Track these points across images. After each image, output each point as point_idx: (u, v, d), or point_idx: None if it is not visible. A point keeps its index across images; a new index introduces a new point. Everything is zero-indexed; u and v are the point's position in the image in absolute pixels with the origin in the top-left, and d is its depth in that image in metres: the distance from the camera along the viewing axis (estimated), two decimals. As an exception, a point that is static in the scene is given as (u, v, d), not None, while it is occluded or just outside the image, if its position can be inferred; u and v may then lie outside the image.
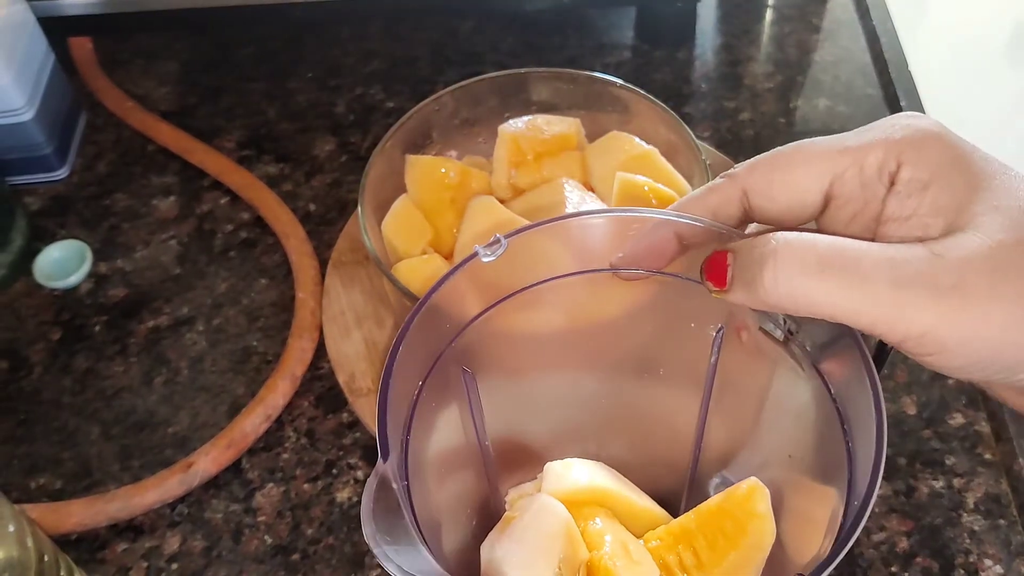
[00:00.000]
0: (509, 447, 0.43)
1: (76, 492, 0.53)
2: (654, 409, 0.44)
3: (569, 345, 0.42)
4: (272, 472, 0.54)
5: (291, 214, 0.65)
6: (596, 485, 0.41)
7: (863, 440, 0.30)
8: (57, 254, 0.64)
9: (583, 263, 0.37)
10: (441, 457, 0.39)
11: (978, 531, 0.50)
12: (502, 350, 0.40)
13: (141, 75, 0.77)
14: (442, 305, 0.34)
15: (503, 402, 0.40)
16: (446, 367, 0.36)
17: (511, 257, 0.35)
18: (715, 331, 0.38)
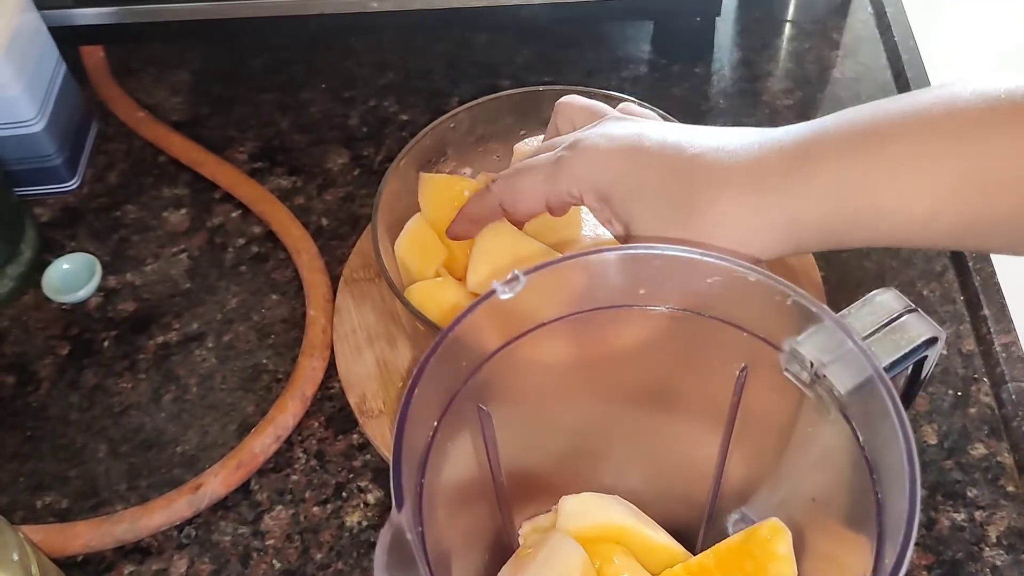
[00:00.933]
0: (523, 479, 0.42)
1: (83, 511, 0.53)
2: (673, 444, 0.43)
3: (586, 379, 0.41)
4: (281, 494, 0.53)
5: (303, 229, 0.64)
6: (612, 521, 0.40)
7: (893, 489, 0.30)
8: (66, 267, 0.63)
9: (603, 300, 0.36)
10: (454, 492, 0.38)
11: (1000, 566, 0.49)
12: (518, 384, 0.39)
13: (153, 85, 0.76)
14: (458, 343, 0.33)
15: (518, 435, 0.40)
16: (461, 404, 0.35)
17: (530, 292, 0.34)
18: (739, 370, 0.37)
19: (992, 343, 0.56)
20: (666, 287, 0.36)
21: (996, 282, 0.59)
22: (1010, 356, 0.56)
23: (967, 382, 0.56)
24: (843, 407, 0.33)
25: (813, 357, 0.33)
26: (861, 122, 0.40)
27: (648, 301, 0.36)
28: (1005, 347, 0.56)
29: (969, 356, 0.57)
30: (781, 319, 0.34)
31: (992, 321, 0.57)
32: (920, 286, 0.60)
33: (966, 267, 0.60)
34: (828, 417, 0.33)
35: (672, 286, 0.36)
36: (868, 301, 0.35)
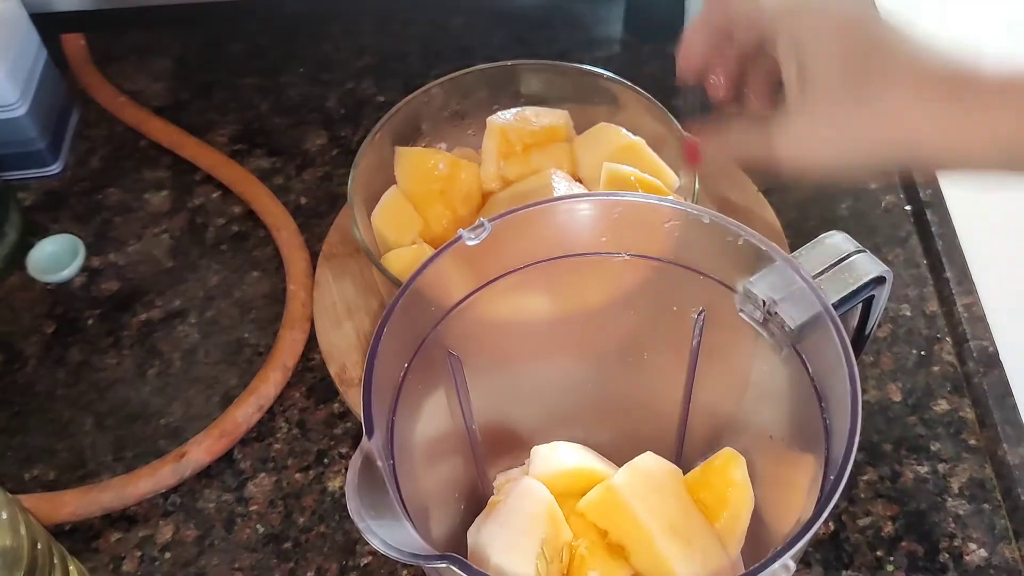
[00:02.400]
0: (497, 433, 0.43)
1: (70, 483, 0.54)
2: (640, 393, 0.44)
3: (553, 331, 0.42)
4: (264, 462, 0.54)
5: (282, 207, 0.65)
6: (582, 467, 0.41)
7: (840, 415, 0.31)
8: (50, 248, 0.64)
9: (567, 248, 0.37)
10: (429, 441, 0.40)
11: (963, 515, 0.51)
12: (488, 335, 0.40)
13: (134, 71, 0.77)
14: (427, 289, 0.35)
15: (490, 387, 0.41)
16: (431, 350, 0.36)
17: (496, 241, 0.35)
18: (696, 314, 0.38)
19: (954, 304, 0.58)
20: (627, 234, 0.37)
21: (958, 245, 0.61)
22: (971, 316, 0.57)
23: (930, 342, 0.57)
24: (794, 342, 0.34)
25: (765, 295, 0.35)
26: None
27: (610, 248, 0.37)
28: (967, 307, 0.58)
29: (932, 317, 0.58)
30: (735, 261, 0.35)
31: (954, 283, 0.59)
32: (884, 251, 0.62)
33: (929, 232, 0.62)
34: (781, 354, 0.35)
35: (633, 232, 0.37)
36: (819, 243, 0.36)
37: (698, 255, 0.37)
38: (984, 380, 0.55)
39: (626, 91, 0.58)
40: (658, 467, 0.40)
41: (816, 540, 0.50)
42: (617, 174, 0.53)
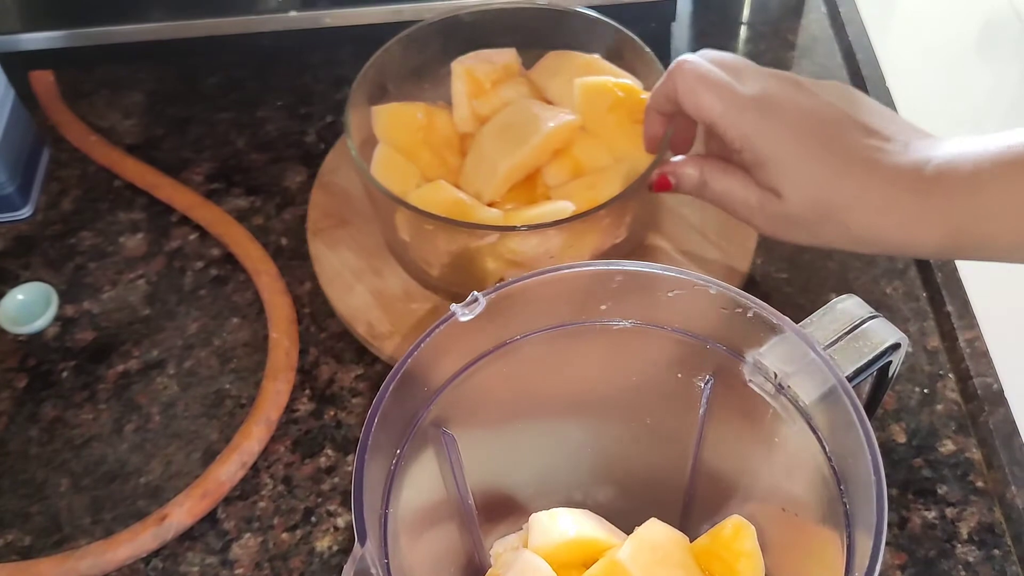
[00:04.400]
0: (494, 501, 0.42)
1: (46, 548, 0.52)
2: (643, 457, 0.43)
3: (552, 399, 0.41)
4: (249, 522, 0.52)
5: (262, 250, 0.63)
6: (583, 536, 0.40)
7: (860, 499, 0.30)
8: (21, 297, 0.62)
9: (565, 317, 0.36)
10: (421, 517, 0.38)
11: (972, 563, 0.49)
12: (483, 407, 0.39)
13: (106, 107, 0.75)
14: (419, 368, 0.33)
15: (485, 458, 0.39)
16: (425, 430, 0.35)
17: (490, 314, 0.33)
18: (703, 382, 0.36)
19: (956, 339, 0.57)
20: (628, 302, 0.36)
21: (958, 278, 0.59)
22: (974, 351, 0.56)
23: (933, 379, 0.56)
24: (808, 417, 0.33)
25: (776, 368, 0.33)
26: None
27: (611, 316, 0.36)
28: (969, 342, 0.56)
29: (934, 353, 0.57)
30: (743, 331, 0.34)
31: (955, 317, 0.57)
32: (883, 284, 0.60)
33: (928, 264, 0.60)
34: (793, 428, 0.33)
35: (634, 301, 0.36)
36: (830, 309, 0.35)
37: (704, 324, 0.36)
38: (990, 419, 0.53)
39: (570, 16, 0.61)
40: (664, 536, 0.39)
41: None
42: (592, 85, 0.57)
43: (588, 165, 0.57)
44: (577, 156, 0.57)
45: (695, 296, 0.34)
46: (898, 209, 0.42)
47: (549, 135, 0.56)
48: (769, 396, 0.34)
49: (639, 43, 0.59)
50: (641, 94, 0.57)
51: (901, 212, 0.42)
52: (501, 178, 0.56)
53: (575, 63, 0.60)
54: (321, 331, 0.60)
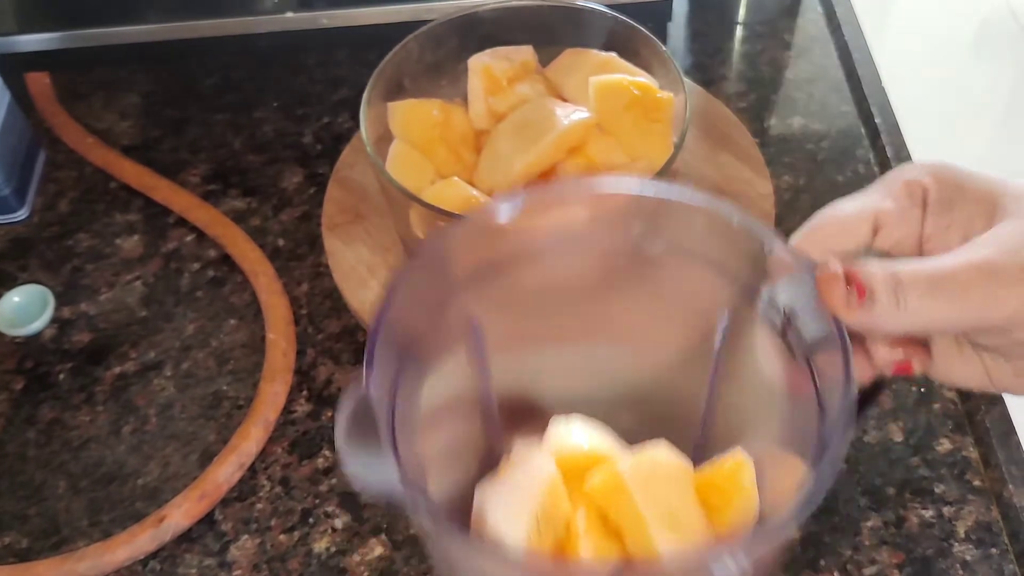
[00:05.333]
0: (518, 403, 0.44)
1: (44, 550, 0.52)
2: (661, 387, 0.45)
3: (579, 312, 0.42)
4: (247, 523, 0.52)
5: (259, 251, 0.63)
6: (595, 448, 0.41)
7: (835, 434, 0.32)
8: (18, 299, 0.62)
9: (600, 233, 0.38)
10: (445, 399, 0.41)
11: (970, 561, 0.49)
12: (510, 306, 0.41)
13: (102, 109, 0.75)
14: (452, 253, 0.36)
15: (512, 360, 0.42)
16: (452, 312, 0.38)
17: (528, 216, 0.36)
18: (722, 315, 0.38)
19: (953, 338, 0.57)
20: (660, 227, 0.37)
21: (954, 277, 0.59)
22: (971, 350, 0.56)
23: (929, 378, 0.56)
24: (807, 354, 0.34)
25: (786, 304, 0.35)
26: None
27: (643, 240, 0.38)
28: (966, 342, 0.56)
29: (931, 352, 0.57)
30: (762, 266, 0.36)
31: (952, 316, 0.58)
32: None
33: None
34: (794, 366, 0.34)
35: (665, 225, 0.37)
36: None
37: (728, 256, 0.37)
38: (986, 417, 0.53)
39: (588, 15, 0.61)
40: (668, 459, 0.40)
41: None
42: (607, 84, 0.57)
43: (603, 163, 0.57)
44: (592, 154, 0.57)
45: (721, 227, 0.35)
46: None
47: (564, 133, 0.56)
48: (777, 332, 0.35)
49: (655, 41, 0.59)
50: (657, 93, 0.57)
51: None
52: (516, 175, 0.56)
53: (591, 61, 0.60)
54: (318, 332, 0.60)
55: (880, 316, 0.33)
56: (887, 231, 0.37)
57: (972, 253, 0.34)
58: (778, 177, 0.67)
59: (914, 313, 0.33)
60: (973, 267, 0.33)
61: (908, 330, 0.34)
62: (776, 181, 0.66)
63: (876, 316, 0.33)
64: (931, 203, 0.36)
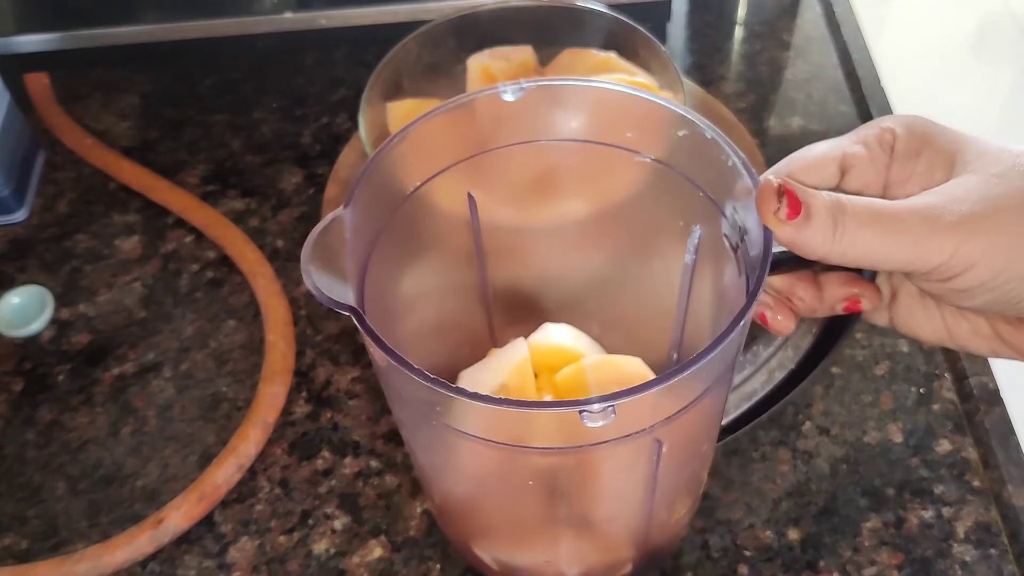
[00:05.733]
0: (514, 300, 0.46)
1: (43, 552, 0.52)
2: (643, 302, 0.47)
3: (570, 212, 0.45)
4: (246, 525, 0.52)
5: (258, 252, 0.63)
6: (574, 348, 0.44)
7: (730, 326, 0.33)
8: (17, 301, 0.62)
9: (594, 134, 0.39)
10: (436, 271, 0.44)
11: (969, 562, 0.49)
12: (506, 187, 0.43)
13: (101, 110, 0.75)
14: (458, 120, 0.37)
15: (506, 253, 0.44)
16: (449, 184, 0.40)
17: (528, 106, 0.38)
18: (694, 231, 0.40)
19: (952, 339, 0.57)
20: (647, 133, 0.39)
21: (954, 278, 0.59)
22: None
23: (929, 378, 0.56)
24: (750, 271, 0.35)
25: (742, 222, 0.36)
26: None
27: (632, 145, 0.39)
28: (965, 342, 0.56)
29: (930, 353, 0.57)
30: (730, 185, 0.37)
31: (951, 317, 0.57)
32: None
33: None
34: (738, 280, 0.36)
35: (652, 133, 0.39)
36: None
37: (700, 170, 0.38)
38: (986, 419, 0.53)
39: (587, 14, 0.61)
40: (634, 368, 0.42)
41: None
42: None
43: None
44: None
45: (696, 139, 0.36)
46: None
47: None
48: (732, 249, 0.37)
49: (655, 42, 0.59)
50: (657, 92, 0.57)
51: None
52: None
53: (590, 61, 0.60)
54: (317, 333, 0.60)
55: (814, 236, 0.34)
56: (854, 173, 0.38)
57: (922, 199, 0.35)
58: (777, 177, 0.67)
59: (849, 239, 0.34)
60: (917, 210, 0.35)
61: (841, 257, 0.34)
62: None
63: (809, 234, 0.34)
64: (898, 151, 0.38)
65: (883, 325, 0.41)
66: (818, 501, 0.52)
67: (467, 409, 0.33)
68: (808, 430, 0.54)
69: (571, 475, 0.38)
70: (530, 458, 0.36)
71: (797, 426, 0.54)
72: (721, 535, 0.50)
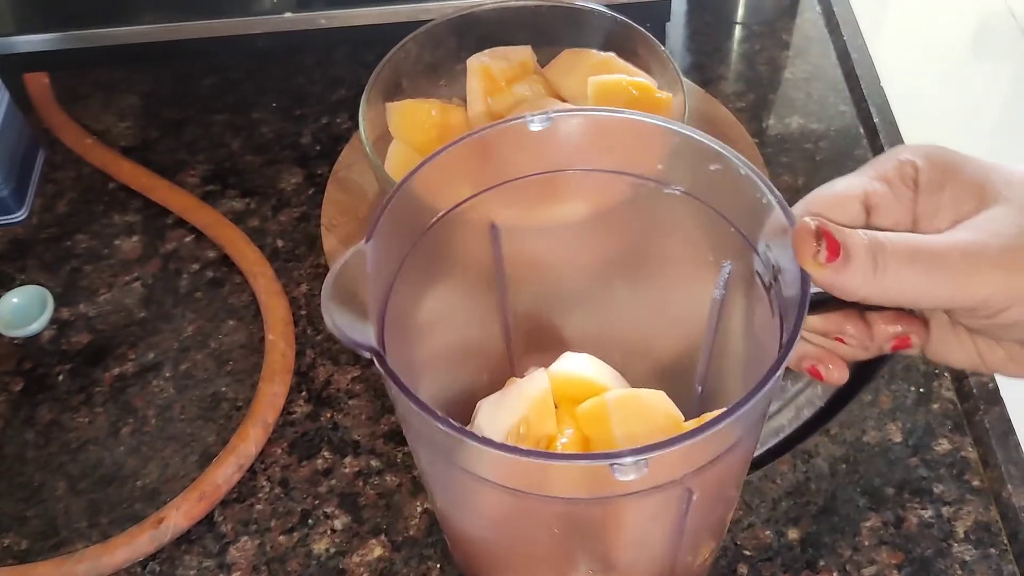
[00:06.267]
0: (535, 330, 0.46)
1: (43, 551, 0.52)
2: (669, 336, 0.46)
3: (595, 245, 0.45)
4: (246, 524, 0.52)
5: (258, 252, 0.63)
6: (595, 379, 0.43)
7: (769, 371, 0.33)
8: (17, 300, 0.62)
9: (623, 165, 0.39)
10: (458, 302, 0.43)
11: (969, 561, 0.49)
12: (529, 213, 0.42)
13: (101, 109, 0.75)
14: (482, 150, 0.37)
15: (530, 284, 0.44)
16: (476, 213, 0.39)
17: (554, 137, 0.37)
18: (725, 266, 0.39)
19: (952, 338, 0.57)
20: (679, 167, 0.38)
21: (953, 277, 0.59)
22: (970, 351, 0.56)
23: (928, 378, 0.56)
24: (783, 311, 0.35)
25: (775, 260, 0.35)
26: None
27: (662, 177, 0.39)
28: (964, 342, 0.56)
29: (930, 352, 0.57)
30: (761, 220, 0.36)
31: (951, 316, 0.57)
32: (879, 284, 0.60)
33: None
34: (774, 321, 0.35)
35: (685, 167, 0.38)
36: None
37: (733, 206, 0.38)
38: (985, 418, 0.53)
39: (587, 14, 0.61)
40: (658, 404, 0.41)
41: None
42: (606, 84, 0.57)
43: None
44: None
45: (729, 174, 0.36)
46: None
47: None
48: (765, 288, 0.36)
49: (654, 42, 0.59)
50: (656, 93, 0.58)
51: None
52: None
53: (590, 61, 0.60)
54: (317, 333, 0.60)
55: (853, 278, 0.33)
56: (881, 212, 0.37)
57: (958, 234, 0.34)
58: (776, 177, 0.67)
59: (891, 280, 0.33)
60: (956, 245, 0.34)
61: (881, 297, 0.34)
62: (775, 181, 0.65)
63: (849, 276, 0.33)
64: (921, 184, 0.36)
65: (914, 354, 0.40)
66: (818, 501, 0.52)
67: (490, 457, 0.32)
68: (808, 430, 0.54)
69: (594, 522, 0.38)
70: (553, 506, 0.35)
71: (797, 426, 0.54)
72: (721, 534, 0.51)
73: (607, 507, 0.35)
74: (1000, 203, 0.35)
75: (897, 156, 0.37)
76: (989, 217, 0.34)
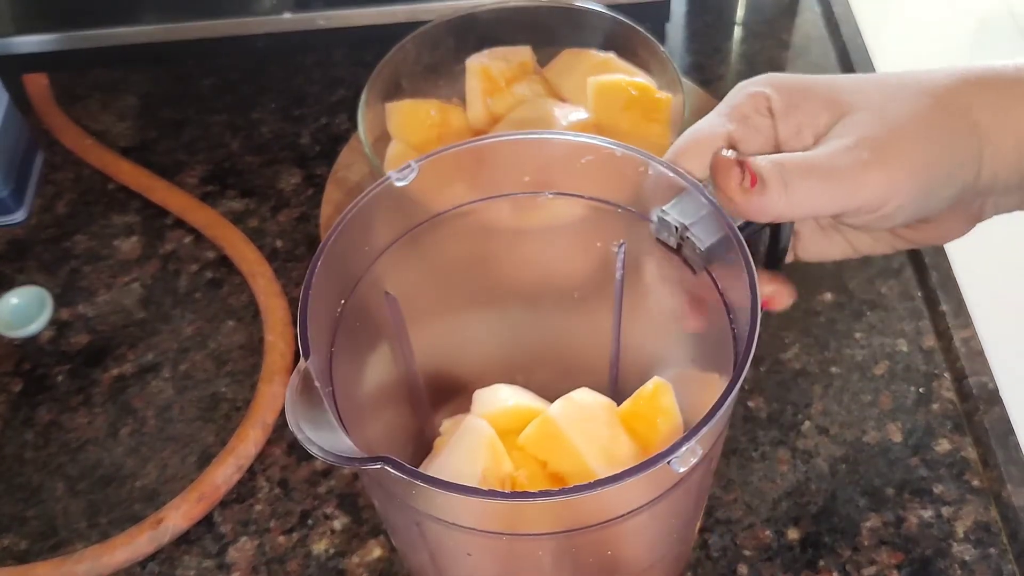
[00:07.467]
0: (441, 379, 0.46)
1: (42, 552, 0.52)
2: (574, 333, 0.47)
3: (485, 274, 0.45)
4: (245, 525, 0.52)
5: (258, 252, 0.63)
6: (521, 404, 0.43)
7: (743, 319, 0.34)
8: (16, 301, 0.62)
9: (493, 188, 0.40)
10: (372, 385, 0.43)
11: (969, 561, 0.49)
12: (421, 277, 0.43)
13: (100, 110, 0.75)
14: (359, 230, 0.37)
15: (429, 332, 0.44)
16: (368, 291, 0.39)
17: (423, 182, 0.37)
18: (617, 247, 0.40)
19: (951, 338, 0.57)
20: (548, 172, 0.39)
21: (953, 277, 0.59)
22: (970, 351, 0.56)
23: (928, 378, 0.56)
24: (705, 263, 0.36)
25: (677, 221, 0.37)
26: None
27: (533, 187, 0.40)
28: (964, 341, 0.56)
29: (930, 352, 0.57)
30: (648, 191, 0.38)
31: (951, 316, 0.57)
32: (878, 283, 0.60)
33: (923, 263, 0.60)
34: (693, 277, 0.37)
35: (552, 170, 0.39)
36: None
37: (614, 188, 0.39)
38: (985, 418, 0.53)
39: (586, 14, 0.61)
40: (592, 400, 0.41)
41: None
42: (606, 84, 0.57)
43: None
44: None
45: (605, 160, 0.37)
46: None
47: None
48: (673, 250, 0.37)
49: (654, 42, 0.59)
50: (655, 93, 0.57)
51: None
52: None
53: (590, 61, 0.60)
54: (317, 333, 0.60)
55: (771, 200, 0.35)
56: (745, 144, 0.39)
57: (836, 143, 0.37)
58: (776, 177, 0.67)
59: (798, 195, 0.35)
60: (834, 154, 0.36)
61: (793, 212, 0.36)
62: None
63: (768, 200, 0.35)
64: (777, 110, 0.39)
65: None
66: (817, 501, 0.52)
67: (488, 507, 0.33)
68: (807, 430, 0.54)
69: (585, 549, 0.38)
70: (547, 541, 0.36)
71: (796, 426, 0.54)
72: (720, 535, 0.50)
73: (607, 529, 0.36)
74: (858, 110, 0.37)
75: (746, 91, 0.40)
76: (854, 123, 0.37)
